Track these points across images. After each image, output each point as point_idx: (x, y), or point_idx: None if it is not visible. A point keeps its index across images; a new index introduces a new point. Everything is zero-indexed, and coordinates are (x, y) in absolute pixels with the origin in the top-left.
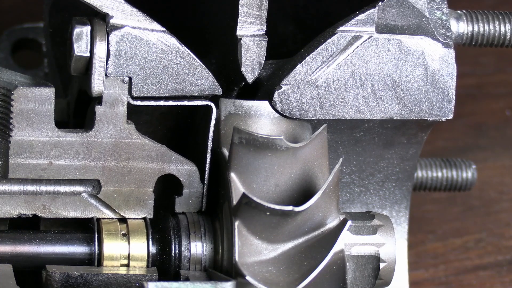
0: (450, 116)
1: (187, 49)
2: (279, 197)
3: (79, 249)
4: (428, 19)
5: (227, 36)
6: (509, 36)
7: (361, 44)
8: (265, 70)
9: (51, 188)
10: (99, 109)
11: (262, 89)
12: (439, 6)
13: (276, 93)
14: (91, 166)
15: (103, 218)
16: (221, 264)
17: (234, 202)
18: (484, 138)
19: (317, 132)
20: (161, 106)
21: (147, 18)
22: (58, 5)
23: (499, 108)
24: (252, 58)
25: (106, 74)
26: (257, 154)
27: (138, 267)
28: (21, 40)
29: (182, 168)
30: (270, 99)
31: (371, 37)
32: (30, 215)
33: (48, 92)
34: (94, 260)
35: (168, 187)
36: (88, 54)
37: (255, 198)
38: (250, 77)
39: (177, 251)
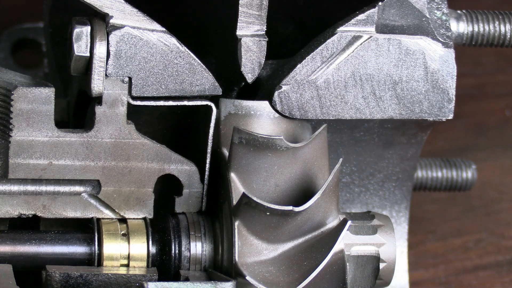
0: (450, 116)
1: (187, 49)
2: (279, 197)
3: (79, 249)
4: (428, 19)
5: (227, 36)
6: (509, 36)
7: (361, 44)
8: (265, 70)
9: (51, 188)
10: (99, 109)
11: (262, 89)
12: (439, 6)
13: (276, 93)
14: (91, 166)
15: (103, 218)
16: (221, 264)
17: (234, 202)
18: (484, 138)
19: (317, 132)
20: (161, 106)
21: (147, 18)
22: (58, 5)
23: (499, 108)
24: (252, 58)
25: (106, 74)
26: (257, 154)
27: (138, 267)
28: (21, 40)
29: (182, 168)
30: (270, 99)
31: (371, 37)
32: (30, 215)
33: (48, 92)
34: (94, 260)
35: (168, 187)
36: (88, 54)
37: (255, 198)
38: (250, 77)
39: (177, 251)
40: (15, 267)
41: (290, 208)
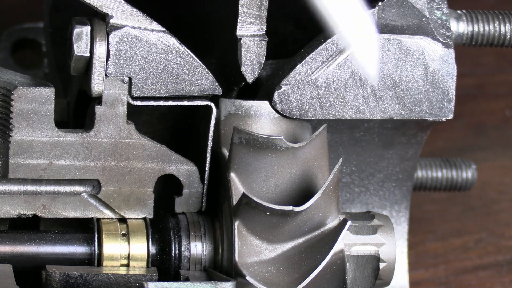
0: (450, 116)
1: (187, 49)
2: (279, 197)
3: (79, 249)
4: (428, 19)
5: (227, 36)
6: (509, 36)
7: None
8: (265, 70)
9: (51, 188)
10: (99, 109)
11: (262, 89)
12: (439, 6)
13: (276, 93)
14: (91, 166)
15: (103, 218)
16: (221, 264)
17: (234, 202)
18: (484, 138)
19: (317, 132)
20: (161, 106)
21: (147, 18)
22: (58, 5)
23: (499, 108)
24: (252, 58)
25: (106, 74)
26: (257, 154)
27: (138, 267)
28: (21, 40)
29: (182, 168)
30: (270, 99)
31: None
32: (30, 215)
33: (48, 92)
34: (94, 260)
35: (168, 187)
36: (88, 54)
37: (255, 198)
38: (250, 77)
39: (177, 251)
40: (15, 267)
41: (290, 208)
